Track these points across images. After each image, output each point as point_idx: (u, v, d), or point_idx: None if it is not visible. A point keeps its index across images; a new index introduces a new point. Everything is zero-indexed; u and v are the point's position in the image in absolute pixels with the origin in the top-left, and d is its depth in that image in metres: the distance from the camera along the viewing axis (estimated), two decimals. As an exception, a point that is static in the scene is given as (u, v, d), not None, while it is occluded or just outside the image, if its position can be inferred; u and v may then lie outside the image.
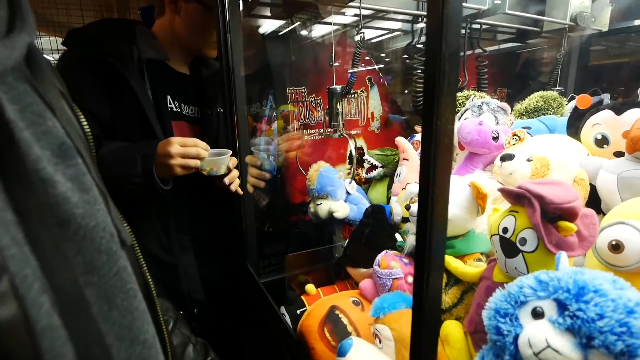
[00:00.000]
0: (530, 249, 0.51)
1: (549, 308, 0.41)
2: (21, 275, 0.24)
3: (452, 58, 0.33)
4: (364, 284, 0.83)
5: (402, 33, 1.69)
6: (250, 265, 1.19)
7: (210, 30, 1.09)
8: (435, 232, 0.37)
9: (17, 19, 0.30)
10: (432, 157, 0.35)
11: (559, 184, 0.53)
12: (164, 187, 0.92)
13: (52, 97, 0.34)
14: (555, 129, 1.11)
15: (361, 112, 1.59)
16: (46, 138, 0.30)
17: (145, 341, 0.36)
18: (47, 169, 0.29)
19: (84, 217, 0.31)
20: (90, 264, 0.31)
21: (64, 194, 0.29)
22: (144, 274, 0.45)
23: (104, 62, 0.94)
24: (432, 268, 0.38)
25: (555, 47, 1.77)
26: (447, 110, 0.34)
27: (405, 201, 0.84)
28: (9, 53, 0.28)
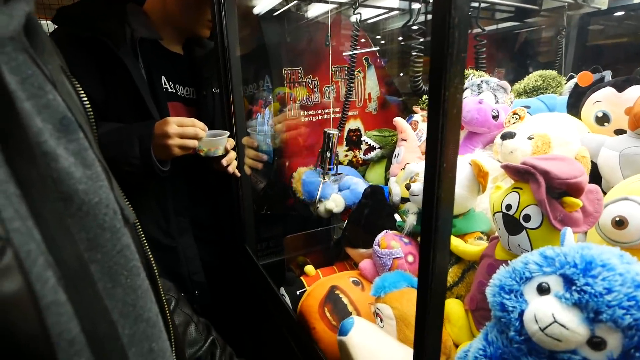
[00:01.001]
0: (534, 226, 0.51)
1: (555, 283, 0.41)
2: (25, 250, 0.23)
3: (461, 24, 0.32)
4: (363, 264, 0.83)
5: (399, 12, 1.66)
6: (248, 248, 1.19)
7: (204, 8, 1.05)
8: (442, 208, 0.36)
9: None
10: (440, 129, 0.33)
11: (564, 159, 0.52)
12: (162, 168, 0.91)
13: (53, 69, 0.32)
14: (555, 107, 1.10)
15: (358, 93, 1.56)
16: (47, 111, 0.29)
17: (149, 319, 0.36)
18: (48, 142, 0.28)
19: (87, 193, 0.30)
20: (94, 241, 0.30)
21: (67, 169, 0.29)
22: (146, 252, 0.44)
23: (96, 41, 0.90)
24: (438, 246, 0.37)
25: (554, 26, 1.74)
26: (455, 79, 0.33)
27: (405, 181, 0.83)
28: (8, 20, 0.26)
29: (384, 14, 1.68)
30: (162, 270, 0.46)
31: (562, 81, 1.28)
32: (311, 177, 1.18)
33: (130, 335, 0.32)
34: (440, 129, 0.33)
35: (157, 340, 0.37)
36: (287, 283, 0.95)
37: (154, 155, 0.89)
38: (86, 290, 0.28)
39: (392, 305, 0.63)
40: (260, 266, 1.08)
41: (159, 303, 0.42)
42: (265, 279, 1.00)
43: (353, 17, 1.19)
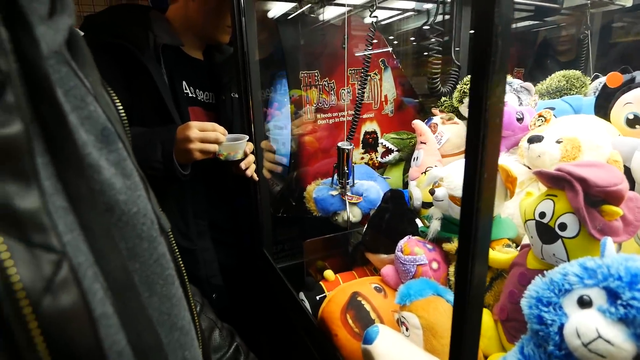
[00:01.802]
0: (571, 235, 0.49)
1: (598, 297, 0.39)
2: (77, 262, 0.24)
3: (504, 32, 0.30)
4: (385, 270, 0.81)
5: (415, 13, 1.64)
6: (266, 251, 1.18)
7: (224, 14, 1.06)
8: (481, 220, 0.34)
9: (57, 1, 0.29)
10: (481, 138, 0.32)
11: (602, 165, 0.50)
12: (183, 172, 0.91)
13: (93, 81, 0.33)
14: (580, 109, 1.07)
15: (374, 95, 1.55)
16: (89, 122, 0.29)
17: (183, 327, 0.36)
18: (92, 154, 0.28)
19: (127, 203, 0.30)
20: (133, 251, 0.31)
21: (108, 180, 0.29)
22: (177, 259, 0.44)
23: (121, 47, 0.92)
24: (477, 258, 0.35)
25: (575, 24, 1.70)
26: (498, 88, 0.31)
27: (428, 186, 0.81)
28: (54, 35, 0.27)
29: (400, 15, 1.66)
30: None
31: (586, 81, 1.24)
32: (322, 194, 1.18)
33: (166, 345, 0.32)
34: (481, 139, 0.32)
35: (189, 348, 0.37)
36: (306, 288, 0.94)
37: (176, 159, 0.89)
38: (131, 302, 0.28)
39: (418, 314, 0.62)
40: (279, 270, 1.07)
41: (190, 310, 0.42)
42: (283, 283, 1.00)
43: (369, 19, 1.18)
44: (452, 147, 1.18)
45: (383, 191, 1.18)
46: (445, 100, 1.34)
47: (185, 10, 1.07)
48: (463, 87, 1.18)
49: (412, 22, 1.73)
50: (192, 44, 1.12)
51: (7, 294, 0.19)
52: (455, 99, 1.22)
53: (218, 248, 1.18)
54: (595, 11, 1.58)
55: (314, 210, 1.19)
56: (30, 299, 0.20)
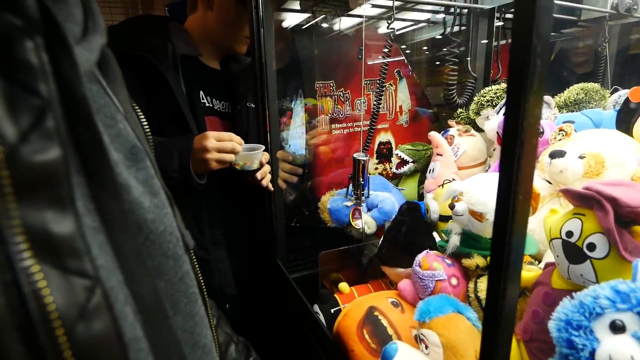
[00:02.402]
0: (600, 256, 0.48)
1: (632, 322, 0.38)
2: (109, 286, 0.24)
3: (543, 52, 0.30)
4: (403, 285, 0.80)
5: (431, 24, 1.64)
6: (280, 261, 1.18)
7: (242, 25, 1.08)
8: (515, 243, 0.34)
9: (89, 20, 0.29)
10: (515, 160, 0.32)
11: (631, 184, 0.49)
12: (199, 181, 0.92)
13: (122, 99, 0.33)
14: (601, 123, 1.05)
15: (389, 105, 1.55)
16: (118, 141, 0.30)
17: (205, 346, 0.36)
18: (123, 174, 0.28)
19: (155, 222, 0.30)
20: (158, 269, 0.31)
21: (137, 199, 0.29)
22: (198, 276, 0.44)
23: (140, 58, 0.94)
24: (509, 281, 0.35)
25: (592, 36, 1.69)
26: (535, 110, 0.31)
27: (447, 200, 0.81)
28: (89, 56, 0.27)
29: (415, 25, 1.67)
30: None
31: (605, 94, 1.23)
32: (336, 205, 1.17)
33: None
34: (516, 160, 0.32)
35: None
36: (320, 300, 0.93)
37: (192, 169, 0.90)
38: (160, 324, 0.28)
39: (438, 331, 0.61)
40: (293, 281, 1.07)
41: (210, 327, 0.42)
42: (297, 294, 0.99)
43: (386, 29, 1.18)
44: (469, 159, 1.17)
45: (398, 202, 1.17)
46: (462, 111, 1.33)
47: (204, 21, 1.09)
48: (480, 99, 1.18)
49: (426, 32, 1.73)
50: (210, 54, 1.14)
51: (43, 322, 0.19)
52: (472, 111, 1.21)
53: (232, 258, 1.18)
54: (613, 23, 1.56)
55: (328, 220, 1.19)
56: (65, 326, 0.20)
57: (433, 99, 1.69)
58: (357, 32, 1.47)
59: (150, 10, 2.51)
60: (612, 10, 1.38)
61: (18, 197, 0.19)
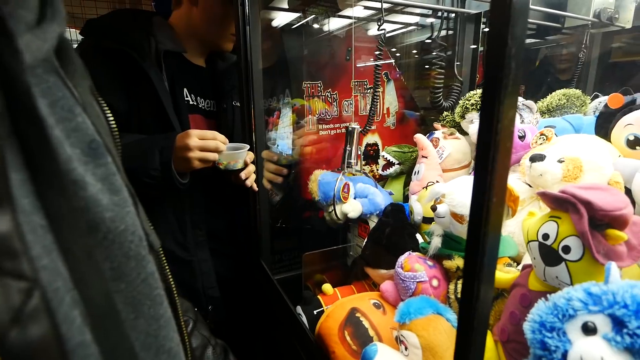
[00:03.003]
0: (574, 258, 0.48)
1: (603, 324, 0.39)
2: (52, 289, 0.22)
3: (518, 55, 0.30)
4: (385, 286, 0.80)
5: (419, 27, 1.66)
6: (264, 262, 1.17)
7: (228, 21, 1.06)
8: (489, 245, 0.34)
9: (47, 8, 0.28)
10: (490, 162, 0.32)
11: (606, 189, 0.50)
12: (181, 180, 0.90)
13: (82, 91, 0.32)
14: (581, 128, 1.07)
15: (377, 107, 1.55)
16: (76, 135, 0.28)
17: (170, 349, 0.34)
18: (77, 170, 0.27)
19: (114, 221, 0.29)
20: (118, 270, 0.29)
21: (94, 196, 0.28)
22: (167, 276, 0.43)
23: (121, 52, 0.92)
24: (482, 282, 0.35)
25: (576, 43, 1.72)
26: (510, 112, 0.31)
27: (429, 202, 0.81)
28: (41, 44, 0.26)
29: (403, 29, 1.68)
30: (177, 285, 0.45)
31: (586, 100, 1.25)
32: (328, 178, 1.14)
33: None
34: (490, 162, 0.32)
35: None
36: (304, 302, 0.93)
37: (174, 168, 0.88)
38: (112, 329, 0.27)
39: (417, 333, 0.61)
40: (276, 282, 1.06)
41: (180, 331, 0.40)
42: (280, 295, 0.98)
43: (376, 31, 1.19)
44: (454, 161, 1.18)
45: (386, 202, 1.18)
46: (447, 114, 1.34)
47: (188, 17, 1.07)
48: (465, 102, 1.19)
49: (415, 35, 1.74)
50: (195, 51, 1.12)
51: None
52: (457, 114, 1.23)
53: (216, 259, 1.16)
54: (595, 32, 1.60)
55: (314, 193, 1.15)
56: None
57: (420, 102, 1.70)
58: (346, 33, 1.48)
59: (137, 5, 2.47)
60: (594, 19, 1.41)
61: None
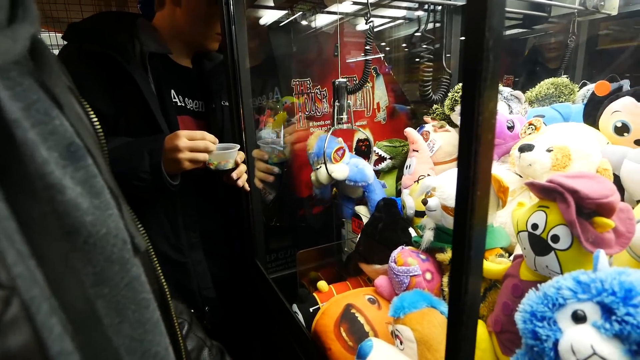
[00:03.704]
0: (563, 247, 0.49)
1: (592, 312, 0.39)
2: (29, 296, 0.22)
3: (496, 47, 0.30)
4: (379, 281, 0.81)
5: (406, 21, 1.66)
6: (258, 261, 1.17)
7: (212, 21, 1.05)
8: (475, 237, 0.34)
9: (19, 8, 0.27)
10: (472, 155, 0.32)
11: (593, 176, 0.50)
12: (172, 182, 0.90)
13: (60, 92, 0.31)
14: (569, 116, 1.08)
15: (367, 103, 1.55)
16: (53, 138, 0.28)
17: (157, 354, 0.34)
18: (54, 173, 0.26)
19: (95, 225, 0.28)
20: (101, 275, 0.29)
21: (73, 200, 0.27)
22: (159, 278, 0.43)
23: (105, 56, 0.90)
24: (470, 275, 0.35)
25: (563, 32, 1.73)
26: (490, 104, 0.31)
27: (420, 195, 0.81)
28: (11, 45, 0.25)
29: (391, 22, 1.68)
30: (172, 287, 0.45)
31: (574, 89, 1.26)
32: (325, 135, 1.13)
33: None
34: (473, 154, 0.32)
35: None
36: (299, 300, 0.93)
37: (164, 169, 0.88)
38: (95, 334, 0.26)
39: (412, 327, 0.61)
40: (271, 281, 1.06)
41: (171, 332, 0.40)
42: (276, 294, 0.98)
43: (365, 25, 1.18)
44: (444, 154, 1.19)
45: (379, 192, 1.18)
46: (437, 107, 1.34)
47: (172, 18, 1.06)
48: (454, 95, 1.19)
49: (403, 29, 1.74)
50: (181, 52, 1.11)
51: None
52: (446, 107, 1.23)
53: (210, 259, 1.16)
54: (582, 19, 1.60)
55: (311, 147, 1.15)
56: None
57: (410, 96, 1.70)
58: (333, 29, 1.47)
59: (123, 8, 2.43)
60: (580, 7, 1.41)
61: None
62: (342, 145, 1.12)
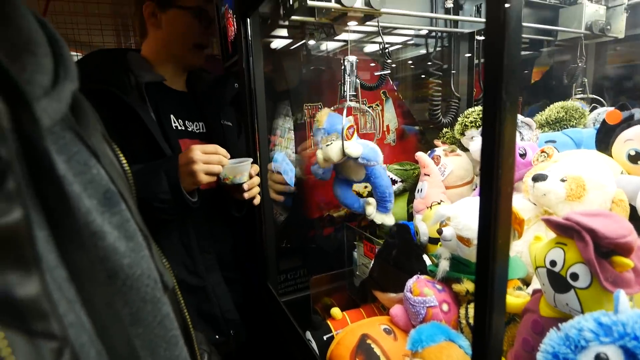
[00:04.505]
0: (583, 285, 0.49)
1: (615, 355, 0.39)
2: (79, 344, 0.23)
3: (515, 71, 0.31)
4: (395, 311, 0.81)
5: (415, 46, 1.69)
6: (270, 285, 1.17)
7: (193, 33, 1.07)
8: (497, 273, 0.35)
9: (60, 68, 0.29)
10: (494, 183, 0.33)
11: (610, 215, 0.50)
12: (192, 199, 0.91)
13: (96, 141, 0.33)
14: (581, 142, 1.08)
15: (377, 125, 1.57)
16: (92, 187, 0.29)
17: None
18: (97, 221, 0.28)
19: (131, 267, 0.30)
20: (136, 315, 0.30)
21: (112, 245, 0.29)
22: (182, 312, 0.44)
23: (104, 92, 0.93)
24: (494, 312, 0.36)
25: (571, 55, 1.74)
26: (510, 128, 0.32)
27: (435, 224, 0.82)
28: (58, 106, 0.27)
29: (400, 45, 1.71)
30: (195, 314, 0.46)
31: (585, 113, 1.26)
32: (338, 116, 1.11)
33: None
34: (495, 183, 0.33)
35: None
36: (313, 327, 0.93)
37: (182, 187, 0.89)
38: None
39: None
40: (284, 305, 1.06)
41: None
42: (289, 320, 0.98)
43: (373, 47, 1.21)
44: (456, 178, 1.19)
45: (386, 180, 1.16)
46: (447, 131, 1.36)
47: (156, 42, 1.08)
48: (464, 120, 1.20)
49: (410, 51, 1.77)
50: (174, 77, 1.12)
51: None
52: (456, 132, 1.24)
53: (229, 282, 1.17)
54: (589, 42, 1.62)
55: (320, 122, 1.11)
56: None
57: (419, 117, 1.72)
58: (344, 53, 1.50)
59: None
60: (586, 31, 1.43)
61: None
62: (352, 124, 1.09)
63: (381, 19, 1.16)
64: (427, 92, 1.52)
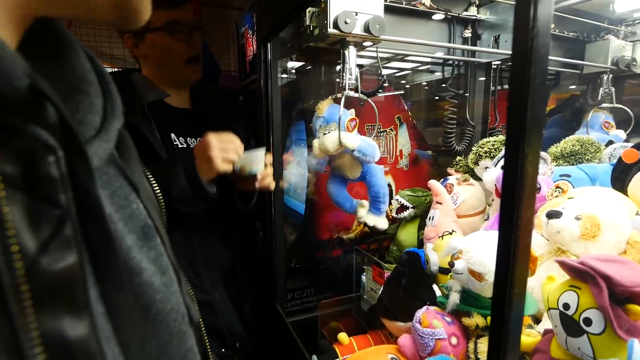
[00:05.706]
0: (596, 331, 0.49)
1: (629, 408, 0.39)
2: None
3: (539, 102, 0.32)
4: (403, 341, 0.80)
5: (430, 73, 1.72)
6: (278, 305, 1.18)
7: (177, 50, 1.06)
8: (514, 311, 0.35)
9: (108, 105, 0.30)
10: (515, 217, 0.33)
11: (626, 262, 0.50)
12: (210, 190, 0.91)
13: (137, 176, 0.34)
14: (596, 178, 1.07)
15: (390, 149, 1.59)
16: (132, 221, 0.30)
17: None
18: (136, 258, 0.29)
19: (163, 302, 0.30)
20: (163, 349, 0.30)
21: (148, 280, 0.29)
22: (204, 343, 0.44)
23: None
24: (508, 351, 0.36)
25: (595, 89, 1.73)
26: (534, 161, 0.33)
27: (446, 256, 0.82)
28: (107, 146, 0.28)
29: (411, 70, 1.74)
30: None
31: (600, 147, 1.26)
32: None
33: None
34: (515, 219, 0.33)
35: None
36: (319, 351, 0.93)
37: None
38: None
39: (438, 397, 0.61)
40: (291, 327, 1.06)
41: None
42: (296, 343, 0.98)
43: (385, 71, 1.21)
44: (468, 207, 1.19)
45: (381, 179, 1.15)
46: (461, 159, 1.36)
47: (149, 68, 1.10)
48: (478, 150, 1.21)
49: (426, 76, 1.80)
50: (176, 95, 1.13)
51: None
52: (470, 161, 1.25)
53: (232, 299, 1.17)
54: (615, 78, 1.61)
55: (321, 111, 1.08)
56: None
57: (431, 140, 1.73)
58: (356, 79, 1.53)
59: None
60: (612, 66, 1.43)
61: (37, 309, 0.19)
62: (354, 117, 1.07)
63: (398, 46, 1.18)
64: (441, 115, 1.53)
